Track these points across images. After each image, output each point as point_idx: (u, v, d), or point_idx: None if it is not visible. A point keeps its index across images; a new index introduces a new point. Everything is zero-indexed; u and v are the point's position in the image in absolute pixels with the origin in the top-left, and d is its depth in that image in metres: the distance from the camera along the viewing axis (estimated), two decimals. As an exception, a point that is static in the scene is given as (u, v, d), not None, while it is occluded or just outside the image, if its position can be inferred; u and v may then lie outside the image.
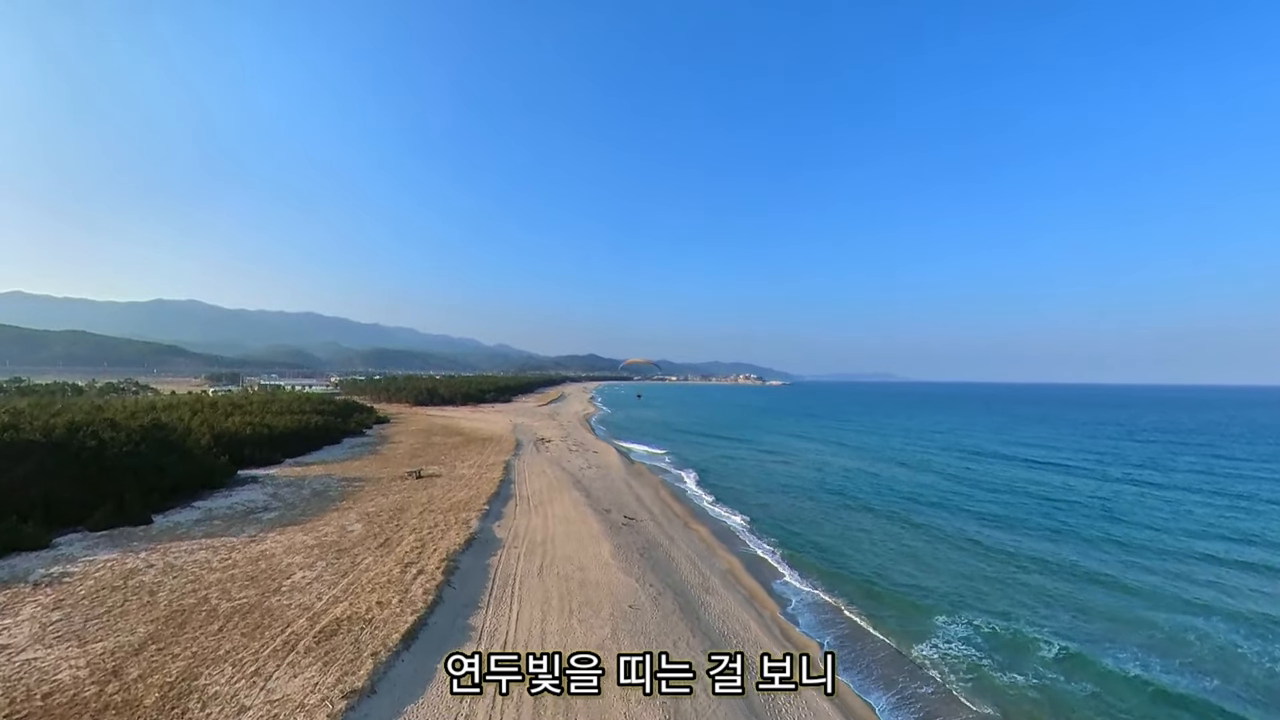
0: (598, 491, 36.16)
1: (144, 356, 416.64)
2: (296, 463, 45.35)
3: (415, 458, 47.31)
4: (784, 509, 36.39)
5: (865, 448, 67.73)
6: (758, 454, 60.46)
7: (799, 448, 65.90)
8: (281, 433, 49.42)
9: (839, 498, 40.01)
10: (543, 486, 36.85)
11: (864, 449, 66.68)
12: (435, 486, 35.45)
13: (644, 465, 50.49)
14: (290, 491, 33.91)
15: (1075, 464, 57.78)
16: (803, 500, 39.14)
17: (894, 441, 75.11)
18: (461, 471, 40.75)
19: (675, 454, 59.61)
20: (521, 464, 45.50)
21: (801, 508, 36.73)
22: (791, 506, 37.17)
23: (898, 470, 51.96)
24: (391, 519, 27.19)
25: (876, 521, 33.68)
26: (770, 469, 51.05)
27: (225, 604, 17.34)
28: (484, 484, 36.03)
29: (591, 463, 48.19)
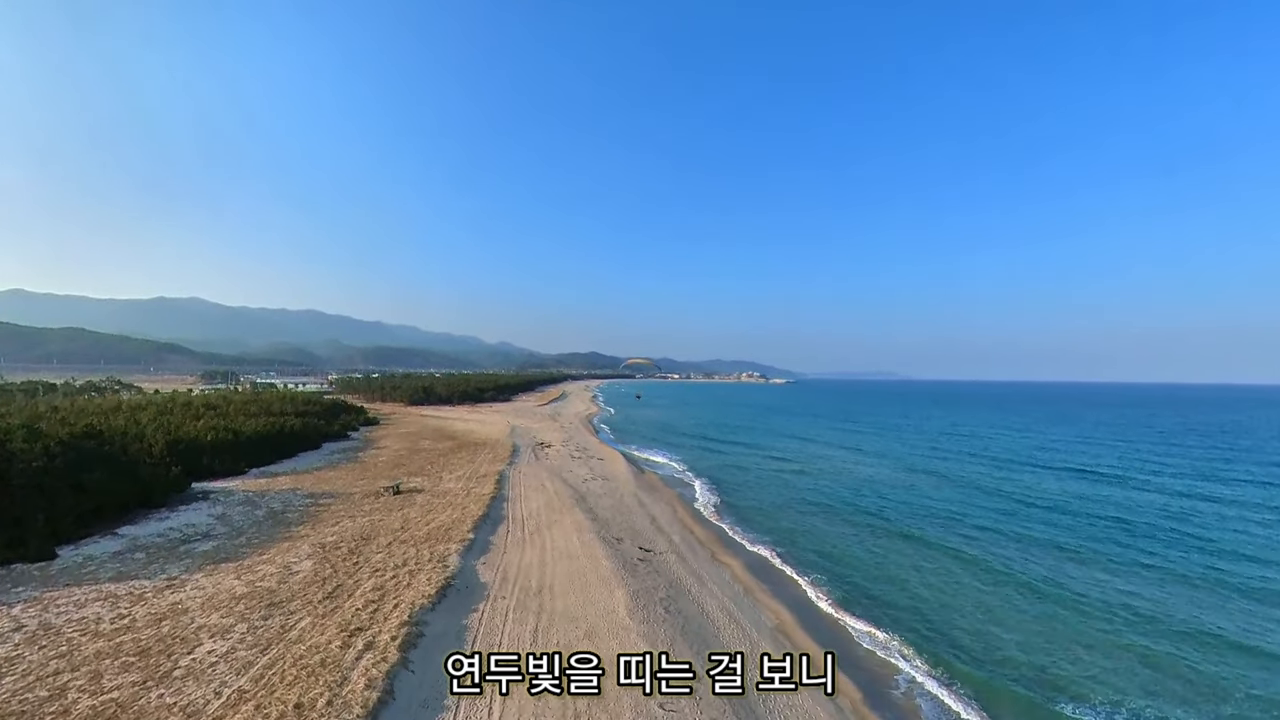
0: (605, 511, 31.05)
1: (142, 354, 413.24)
2: (264, 473, 40.32)
3: (398, 467, 42.23)
4: (817, 535, 31.19)
5: (887, 454, 62.35)
6: (774, 462, 55.21)
7: (816, 455, 60.63)
8: (251, 438, 44.36)
9: (875, 520, 34.65)
10: (541, 505, 31.74)
11: (885, 456, 61.30)
12: (414, 505, 30.35)
13: (656, 476, 45.31)
14: (242, 512, 28.83)
15: (1125, 473, 52.46)
16: (835, 523, 33.84)
17: (915, 447, 69.71)
18: (448, 485, 35.63)
19: (686, 461, 54.47)
20: (518, 475, 40.39)
21: (837, 534, 31.44)
22: (825, 532, 31.93)
23: (930, 483, 46.64)
24: (351, 554, 22.08)
25: (926, 554, 28.30)
26: (792, 481, 45.80)
27: (85, 702, 12.24)
28: (472, 502, 30.92)
29: (596, 472, 43.08)
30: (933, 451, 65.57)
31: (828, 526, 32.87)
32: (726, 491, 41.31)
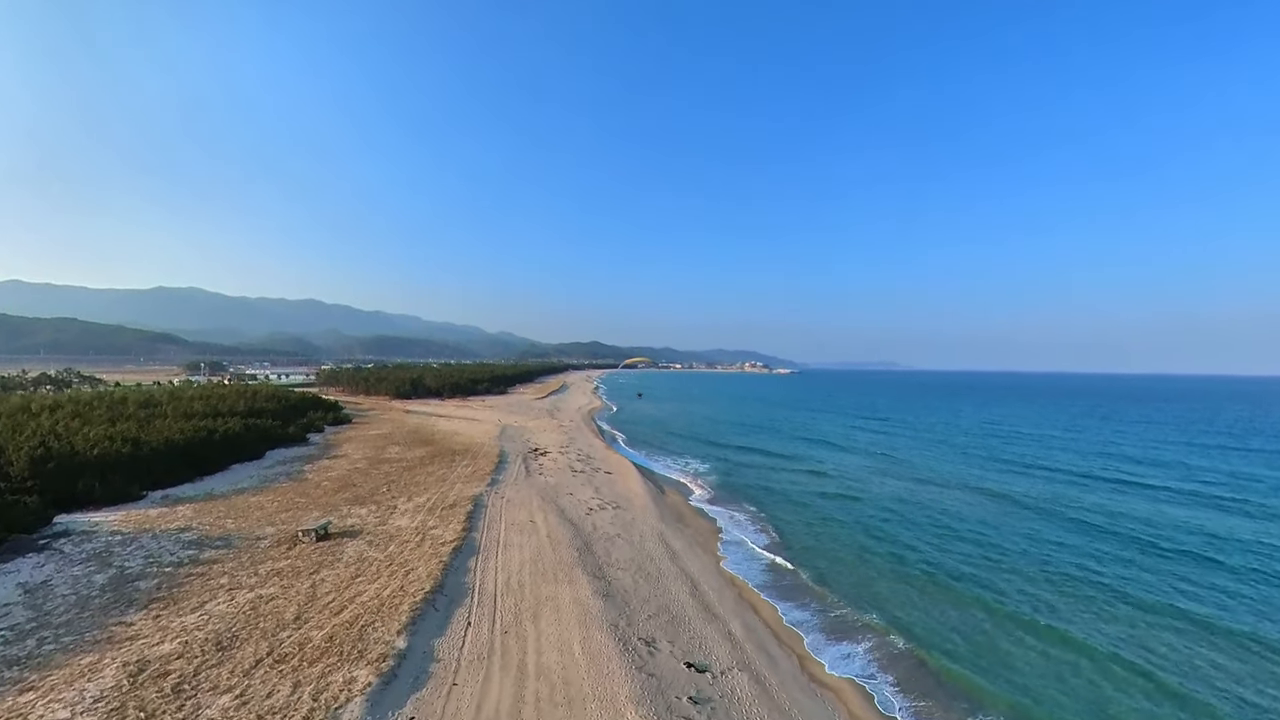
0: (622, 572, 21.15)
1: (134, 345, 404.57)
2: (168, 498, 30.51)
3: (344, 489, 32.32)
4: (912, 612, 21.09)
5: (940, 468, 50.89)
6: (815, 480, 44.24)
7: (860, 469, 49.41)
8: (159, 449, 34.47)
9: (989, 585, 24.01)
10: (526, 560, 21.84)
11: (940, 470, 49.81)
12: (338, 564, 20.50)
13: (680, 499, 35.26)
14: (75, 577, 19.01)
15: (1216, 492, 42.15)
16: (942, 595, 23.04)
17: (968, 455, 58.43)
18: (398, 523, 25.72)
19: (710, 474, 44.52)
20: (499, 502, 30.49)
21: (939, 615, 21.14)
22: (916, 605, 21.76)
23: (1023, 517, 35.43)
24: (175, 694, 12.25)
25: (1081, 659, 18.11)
26: (850, 514, 34.56)
27: None
28: (422, 558, 21.05)
29: (605, 495, 33.16)
30: (990, 462, 54.72)
31: (912, 594, 22.44)
32: (771, 523, 31.28)
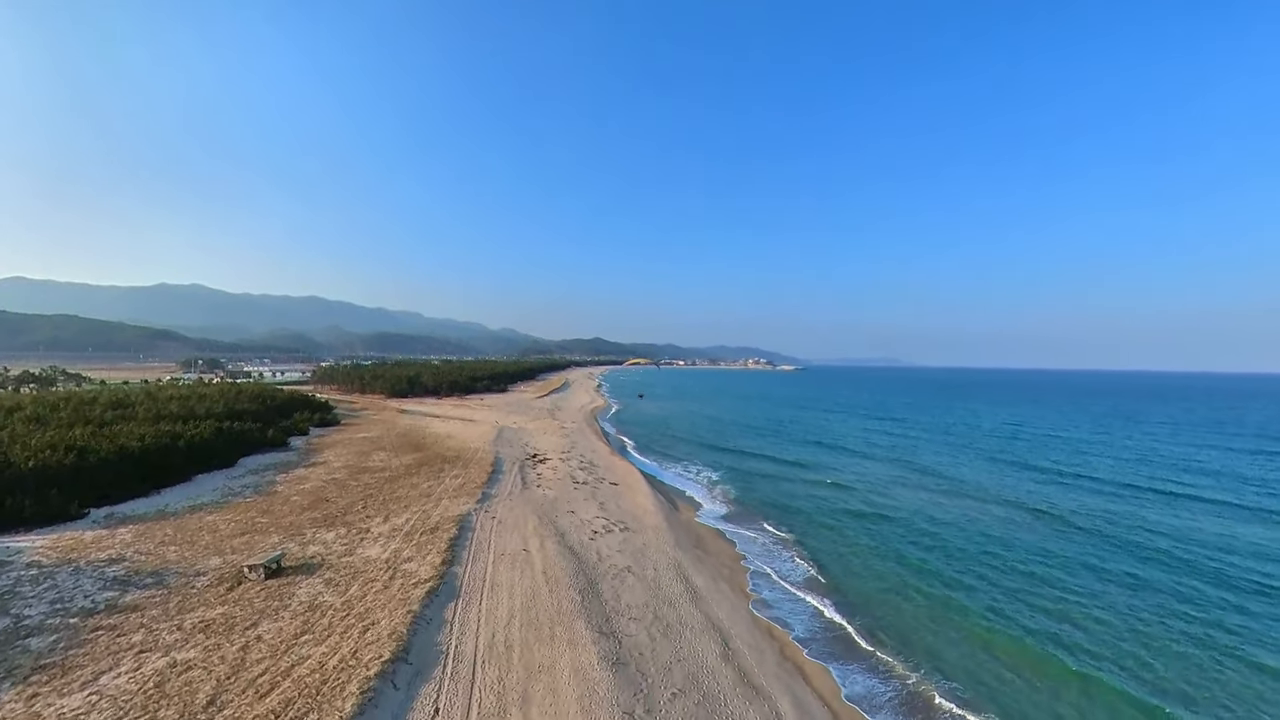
0: (636, 628, 17.15)
1: (134, 341, 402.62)
2: (113, 515, 26.68)
3: (315, 506, 28.41)
4: (989, 682, 16.97)
5: (973, 480, 44.82)
6: (830, 492, 39.27)
7: (873, 478, 43.95)
8: (109, 459, 30.61)
9: (1044, 645, 19.70)
10: (517, 608, 17.88)
11: (973, 483, 43.70)
12: (283, 612, 16.60)
13: (696, 519, 31.11)
14: (-52, 636, 15.14)
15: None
16: (1005, 657, 18.77)
17: (1001, 465, 52.70)
18: (368, 553, 21.78)
19: (724, 485, 40.43)
20: (490, 523, 26.54)
21: (1021, 689, 16.90)
22: (988, 671, 17.66)
23: (1048, 533, 30.78)
24: None
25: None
26: (872, 533, 30.19)
27: None
28: (388, 604, 17.13)
29: (611, 513, 29.17)
30: (1024, 471, 49.71)
31: (1020, 674, 18.08)
32: (799, 550, 27.13)
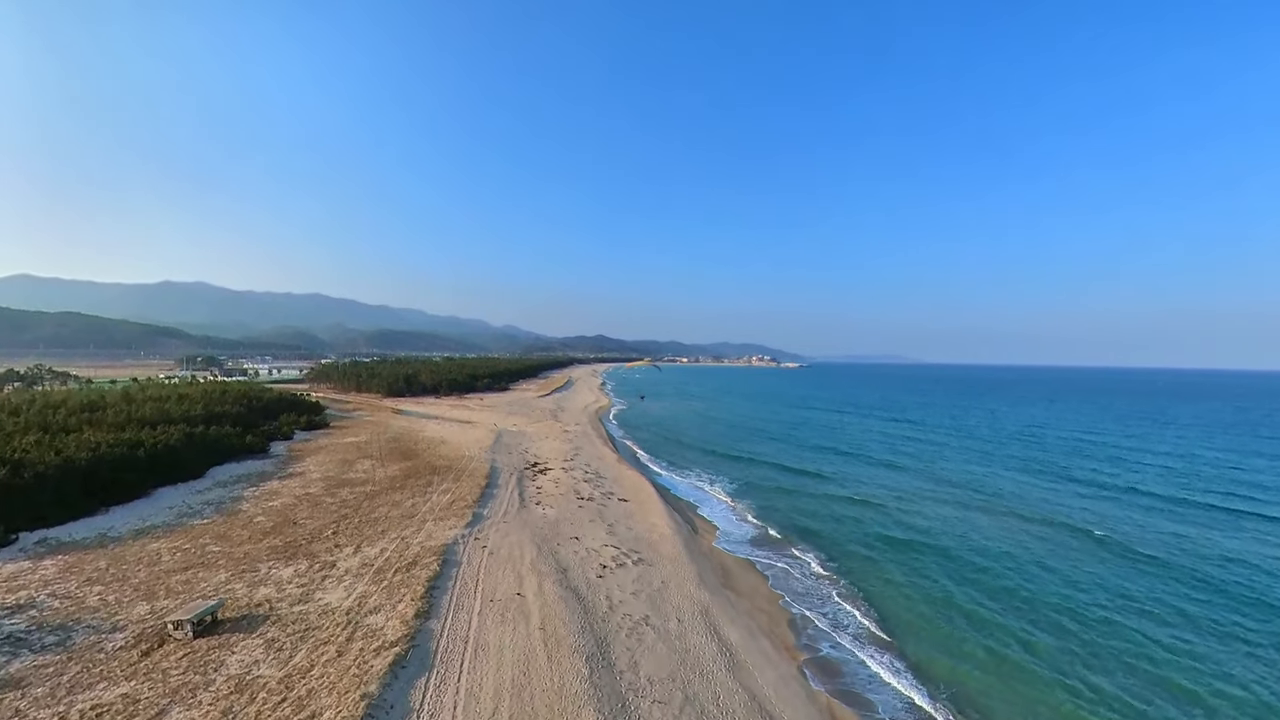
0: (658, 713, 13.23)
1: (135, 339, 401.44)
2: (45, 541, 23.00)
3: (278, 531, 24.63)
4: None
5: (998, 491, 40.80)
6: (863, 511, 33.95)
7: (905, 493, 39.09)
8: (45, 473, 26.86)
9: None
10: (505, 686, 14.01)
11: (996, 494, 40.00)
12: (200, 694, 12.81)
13: (717, 546, 26.96)
14: None
15: None
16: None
17: (1020, 472, 48.61)
18: (327, 598, 17.97)
19: (742, 498, 36.41)
20: (479, 555, 22.68)
21: None
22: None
23: (1128, 571, 25.72)
24: None
25: None
26: (922, 567, 25.55)
27: None
28: (339, 680, 13.31)
29: (621, 538, 25.29)
30: (1068, 484, 43.39)
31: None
32: (843, 586, 23.15)
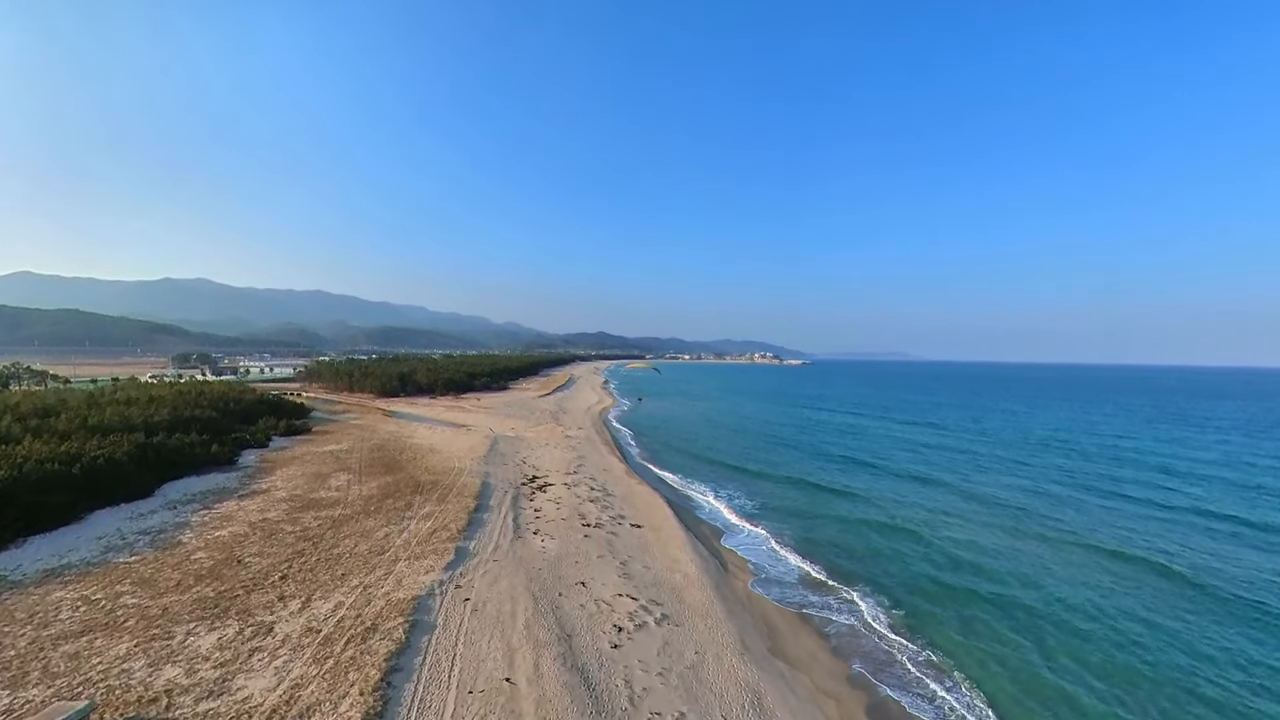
0: None
1: (133, 336, 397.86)
2: (-76, 588, 18.43)
3: (215, 574, 20.02)
4: None
5: (1055, 518, 34.20)
6: (912, 546, 26.93)
7: (956, 518, 33.21)
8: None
9: None
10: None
11: (1054, 519, 33.80)
12: None
13: (758, 593, 21.86)
14: None
15: None
16: None
17: (1071, 488, 42.01)
18: (248, 689, 13.34)
19: (766, 523, 31.52)
20: (459, 612, 17.99)
21: None
22: None
23: (1260, 631, 21.70)
24: None
25: None
26: (1012, 629, 19.94)
27: None
28: None
29: (638, 582, 20.59)
30: (1130, 504, 36.91)
31: None
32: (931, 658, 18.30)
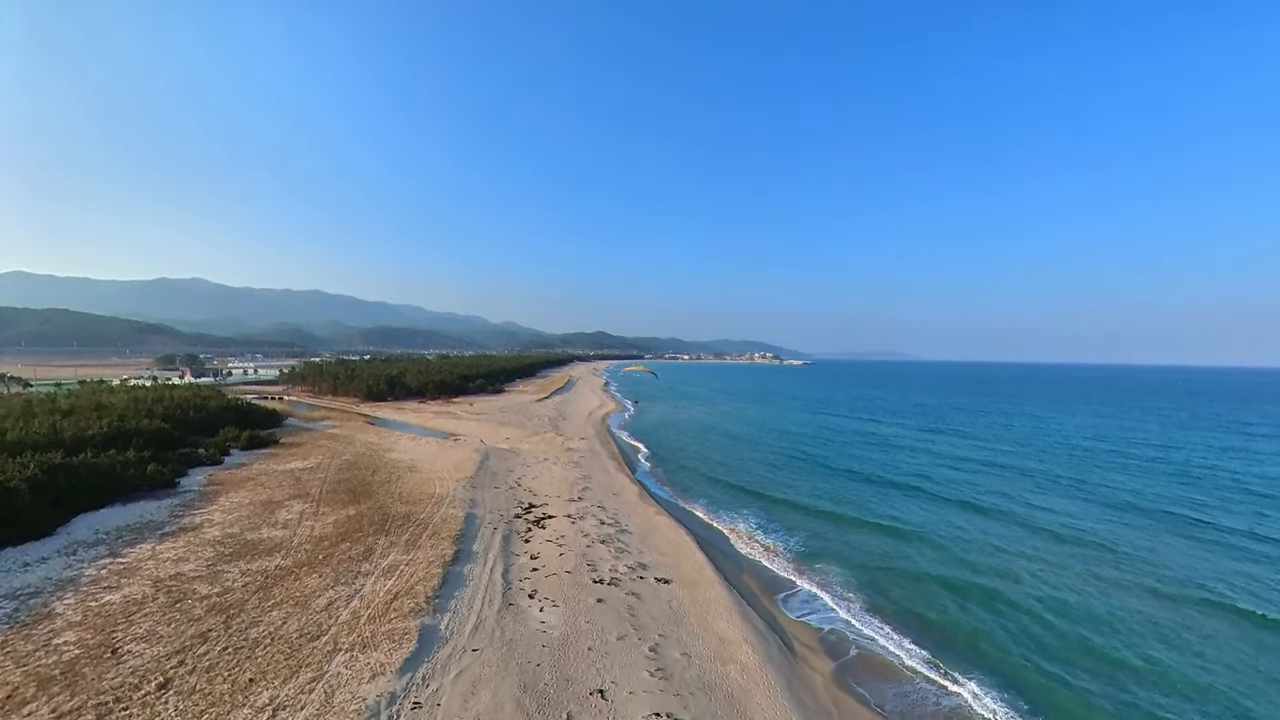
0: None
1: (123, 335, 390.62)
2: None
3: (73, 677, 14.29)
4: None
5: (1176, 569, 26.86)
6: (1019, 616, 19.10)
7: (1037, 560, 26.86)
8: None
9: None
10: None
11: (1152, 563, 27.24)
12: None
13: (849, 700, 15.56)
14: None
15: None
16: None
17: (1144, 516, 35.21)
18: None
19: (818, 571, 25.76)
20: None
21: None
22: None
23: None
24: None
25: None
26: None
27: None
28: None
29: (679, 683, 14.73)
30: (1231, 536, 31.92)
31: None
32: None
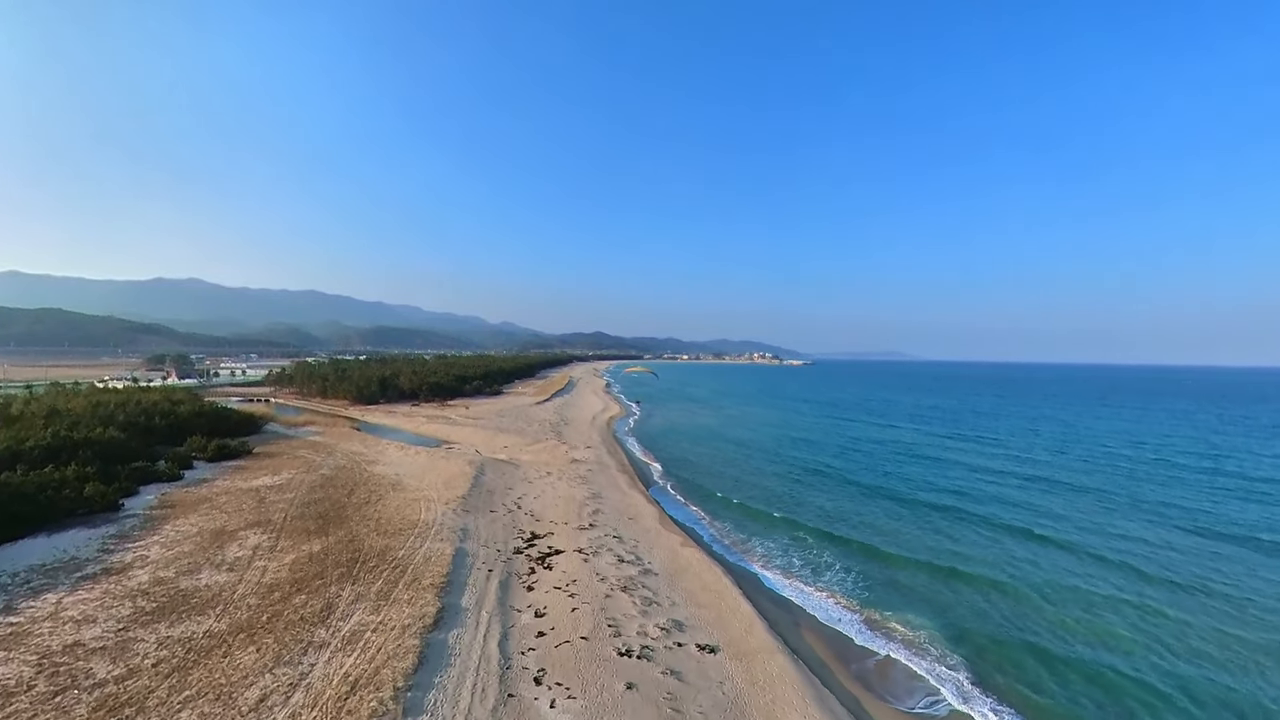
0: None
1: (117, 335, 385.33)
2: None
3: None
4: None
5: (1242, 605, 22.59)
6: (1153, 701, 18.34)
7: (1131, 608, 21.66)
8: None
9: None
10: None
11: (1241, 613, 22.09)
12: None
13: None
14: None
15: None
16: None
17: (1243, 546, 29.76)
18: None
19: (904, 641, 21.25)
20: None
21: None
22: None
23: None
24: None
25: None
26: None
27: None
28: None
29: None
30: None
31: None
32: None
